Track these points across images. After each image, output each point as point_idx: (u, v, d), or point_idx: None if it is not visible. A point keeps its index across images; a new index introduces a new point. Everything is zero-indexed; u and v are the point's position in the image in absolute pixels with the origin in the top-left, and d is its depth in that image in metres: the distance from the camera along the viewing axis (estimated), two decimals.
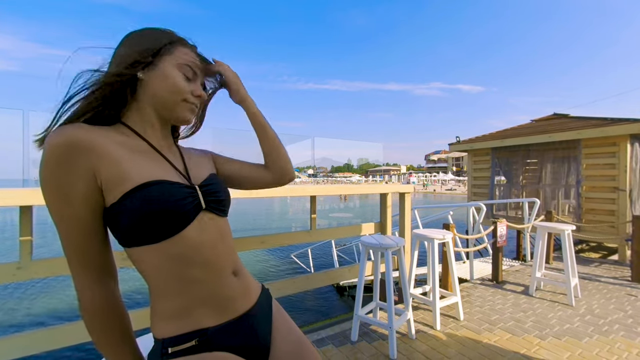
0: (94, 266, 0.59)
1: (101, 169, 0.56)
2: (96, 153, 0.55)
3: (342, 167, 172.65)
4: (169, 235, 0.59)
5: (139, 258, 0.60)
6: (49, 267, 1.56)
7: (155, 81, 0.64)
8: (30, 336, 1.49)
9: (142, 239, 0.58)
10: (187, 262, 0.61)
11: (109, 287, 0.61)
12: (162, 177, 0.61)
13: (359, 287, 2.27)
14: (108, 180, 0.56)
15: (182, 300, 0.62)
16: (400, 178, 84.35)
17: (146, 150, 0.64)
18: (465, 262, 4.78)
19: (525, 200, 5.40)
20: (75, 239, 0.56)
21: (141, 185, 0.57)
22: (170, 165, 0.66)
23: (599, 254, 6.16)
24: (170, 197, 0.59)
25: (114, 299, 0.62)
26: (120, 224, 0.57)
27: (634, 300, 3.09)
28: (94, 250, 0.58)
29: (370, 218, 16.10)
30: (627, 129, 4.98)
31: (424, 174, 79.37)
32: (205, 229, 0.65)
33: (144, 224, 0.56)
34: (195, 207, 0.63)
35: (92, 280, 0.59)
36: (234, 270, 0.70)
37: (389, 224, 2.92)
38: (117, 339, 0.61)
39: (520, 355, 2.09)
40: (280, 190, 2.47)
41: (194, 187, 0.66)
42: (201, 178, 0.71)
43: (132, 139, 0.64)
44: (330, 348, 2.14)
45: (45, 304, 5.25)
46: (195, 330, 0.62)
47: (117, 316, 0.62)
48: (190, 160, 0.74)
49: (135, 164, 0.59)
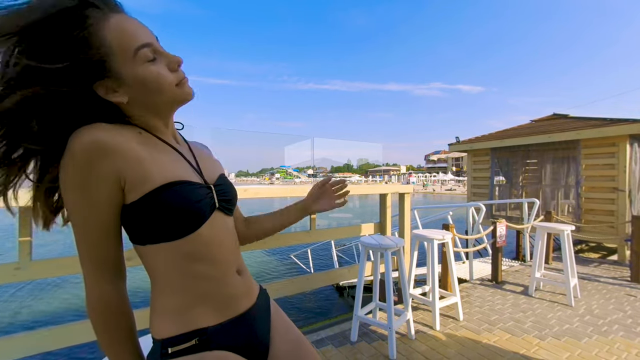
0: (106, 266, 0.59)
1: (126, 170, 0.54)
2: (121, 155, 0.54)
3: (341, 168, 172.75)
4: (186, 234, 0.60)
5: (148, 255, 0.61)
6: (49, 267, 1.56)
7: (136, 93, 0.58)
8: (30, 337, 1.49)
9: (159, 237, 0.58)
10: (197, 259, 0.62)
11: (117, 287, 0.62)
12: (182, 177, 0.61)
13: (359, 287, 2.27)
14: (132, 180, 0.55)
15: (184, 297, 0.62)
16: (399, 178, 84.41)
17: (164, 149, 0.63)
18: (465, 262, 4.78)
19: (525, 200, 5.40)
20: (94, 240, 0.56)
21: (164, 185, 0.57)
22: (188, 165, 0.66)
23: (599, 254, 6.17)
24: (192, 198, 0.60)
25: (120, 298, 0.62)
26: (139, 222, 0.57)
27: (633, 301, 3.09)
28: (110, 251, 0.59)
29: (369, 218, 16.07)
30: (627, 129, 4.99)
31: (423, 174, 79.41)
32: (216, 226, 0.65)
33: (163, 223, 0.57)
34: (211, 207, 0.64)
35: (104, 280, 0.59)
36: (238, 268, 0.71)
37: (388, 224, 2.92)
38: (120, 338, 0.62)
39: (519, 355, 2.09)
40: (281, 191, 2.47)
41: (210, 187, 0.66)
42: (214, 177, 0.72)
43: (149, 138, 0.62)
44: (330, 348, 2.15)
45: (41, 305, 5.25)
46: (195, 329, 0.62)
47: (122, 316, 0.62)
48: (201, 158, 0.73)
49: (157, 164, 0.58)
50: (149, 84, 0.57)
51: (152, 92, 0.58)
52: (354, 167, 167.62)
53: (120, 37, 0.54)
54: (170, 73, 0.59)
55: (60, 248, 8.26)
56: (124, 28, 0.54)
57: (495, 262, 3.67)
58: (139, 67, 0.56)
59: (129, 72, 0.55)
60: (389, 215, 2.93)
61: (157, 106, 0.61)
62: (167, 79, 0.58)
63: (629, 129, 4.96)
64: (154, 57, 0.57)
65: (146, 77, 0.56)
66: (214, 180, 0.71)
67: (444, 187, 50.05)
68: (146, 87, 0.57)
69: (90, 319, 0.59)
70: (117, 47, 0.54)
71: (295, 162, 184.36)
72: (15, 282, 1.52)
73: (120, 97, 0.57)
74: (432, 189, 48.33)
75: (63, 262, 1.58)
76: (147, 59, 0.56)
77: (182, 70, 0.62)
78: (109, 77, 0.55)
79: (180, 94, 0.62)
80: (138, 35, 0.55)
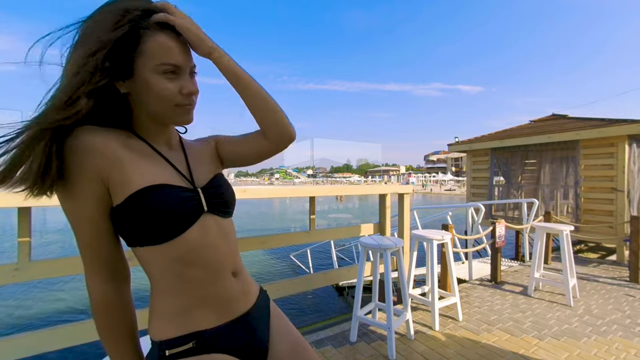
0: (104, 265, 0.60)
1: (109, 171, 0.57)
2: (106, 157, 0.56)
3: (341, 168, 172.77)
4: (170, 238, 0.60)
5: (142, 257, 0.62)
6: (48, 268, 1.56)
7: (138, 92, 0.61)
8: (31, 337, 1.49)
9: (144, 240, 0.59)
10: (188, 263, 0.62)
11: (117, 286, 0.63)
12: (165, 181, 0.61)
13: (358, 287, 2.27)
14: (114, 182, 0.57)
15: (181, 300, 0.62)
16: (399, 178, 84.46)
17: (151, 154, 0.64)
18: (464, 262, 4.79)
19: (524, 200, 5.41)
20: (87, 238, 0.58)
21: (143, 189, 0.58)
22: (173, 169, 0.66)
23: (598, 254, 6.18)
24: (171, 201, 0.60)
25: (121, 298, 0.63)
26: (124, 225, 0.59)
27: (632, 301, 3.10)
28: (104, 250, 0.60)
29: (369, 218, 16.10)
30: (625, 129, 5.00)
31: (423, 175, 79.47)
32: (208, 230, 0.65)
33: (145, 226, 0.58)
34: (196, 211, 0.63)
35: (102, 278, 0.60)
36: (234, 271, 0.70)
37: (388, 224, 2.93)
38: (119, 338, 0.62)
39: (518, 355, 2.09)
40: (280, 191, 2.47)
41: (196, 190, 0.66)
42: (205, 179, 0.70)
43: (138, 143, 0.64)
44: (330, 349, 2.15)
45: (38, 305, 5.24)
46: (193, 332, 0.62)
47: (123, 315, 0.63)
48: (194, 160, 0.73)
49: (139, 168, 0.60)
50: (151, 90, 0.59)
51: (150, 98, 0.60)
52: (353, 168, 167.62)
53: (157, 49, 0.58)
54: (177, 93, 0.61)
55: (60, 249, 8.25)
56: (165, 44, 0.59)
57: (495, 263, 3.67)
58: (153, 74, 0.59)
59: (143, 73, 0.59)
60: (388, 215, 2.93)
61: (153, 113, 0.63)
62: (169, 95, 0.60)
63: (628, 130, 4.97)
64: (173, 77, 0.60)
65: (152, 83, 0.59)
66: (205, 182, 0.70)
67: (443, 188, 50.10)
68: (148, 90, 0.60)
69: (92, 316, 0.61)
70: (149, 53, 0.58)
71: (294, 162, 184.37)
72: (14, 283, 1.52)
73: (123, 87, 0.60)
74: (429, 189, 48.42)
75: (62, 262, 1.58)
76: (165, 72, 0.59)
77: (193, 99, 0.64)
78: (129, 74, 0.59)
79: (175, 114, 0.63)
80: (172, 55, 0.60)
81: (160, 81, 0.59)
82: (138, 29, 0.56)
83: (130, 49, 0.57)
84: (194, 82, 0.64)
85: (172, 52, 0.59)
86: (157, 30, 0.58)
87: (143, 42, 0.57)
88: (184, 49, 0.62)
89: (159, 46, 0.58)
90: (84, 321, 1.61)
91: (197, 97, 0.65)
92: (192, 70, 0.64)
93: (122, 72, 0.58)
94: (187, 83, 0.62)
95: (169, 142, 0.70)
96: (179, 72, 0.61)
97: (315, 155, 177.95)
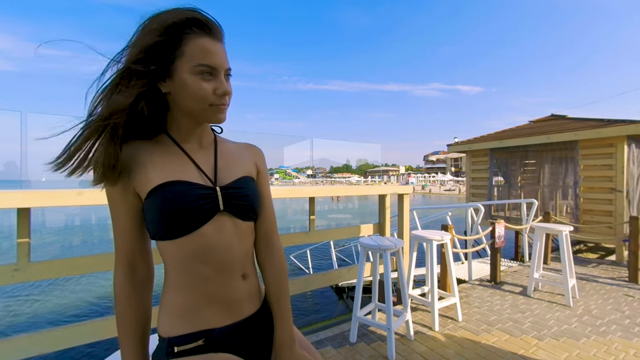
0: (122, 257, 0.66)
1: (135, 177, 0.63)
2: (131, 166, 0.63)
3: (341, 168, 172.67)
4: (184, 233, 0.62)
5: (161, 250, 0.66)
6: (47, 269, 1.56)
7: (176, 91, 0.64)
8: (31, 337, 1.49)
9: (161, 234, 0.63)
10: (200, 259, 0.64)
11: (131, 281, 0.66)
12: (181, 177, 0.64)
13: (358, 288, 2.27)
14: (139, 184, 0.63)
15: (192, 297, 0.64)
16: (399, 179, 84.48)
17: (175, 152, 0.68)
18: (464, 262, 4.79)
19: (524, 201, 5.42)
20: (116, 231, 0.66)
21: (159, 185, 0.62)
22: (194, 166, 0.67)
23: (597, 255, 6.19)
24: (184, 198, 0.62)
25: (129, 293, 0.66)
26: (146, 219, 0.65)
27: (631, 301, 3.11)
28: (125, 245, 0.66)
29: (369, 219, 16.10)
30: (624, 130, 5.01)
31: (422, 175, 79.49)
32: (222, 230, 0.66)
33: (161, 221, 0.61)
34: (211, 208, 0.64)
35: (120, 272, 0.66)
36: (244, 273, 0.71)
37: (387, 225, 2.93)
38: (125, 333, 0.65)
39: (518, 356, 2.10)
40: (280, 191, 2.47)
41: (214, 188, 0.66)
42: (229, 179, 0.70)
43: (163, 144, 0.68)
44: (329, 349, 2.15)
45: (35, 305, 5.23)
46: (202, 330, 0.63)
47: (129, 311, 0.65)
48: (225, 160, 0.73)
49: (160, 167, 0.64)
50: (188, 89, 0.63)
51: (187, 97, 0.64)
52: (353, 168, 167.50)
53: (196, 51, 0.62)
54: (212, 94, 0.64)
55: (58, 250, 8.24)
56: (203, 47, 0.63)
57: (494, 263, 3.68)
58: (191, 75, 0.62)
59: (182, 73, 0.62)
60: (388, 215, 2.93)
61: (189, 111, 0.66)
62: (204, 95, 0.64)
63: (627, 130, 4.98)
64: (209, 77, 0.64)
65: (189, 84, 0.63)
66: (229, 181, 0.69)
67: (442, 188, 50.12)
68: (185, 90, 0.63)
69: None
70: (188, 55, 0.62)
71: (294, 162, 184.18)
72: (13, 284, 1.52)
73: (164, 87, 0.65)
74: (428, 189, 48.44)
75: (62, 263, 1.58)
76: (201, 73, 0.63)
77: (226, 99, 0.67)
78: (169, 74, 0.64)
79: (209, 113, 0.66)
80: (209, 57, 0.63)
81: (197, 81, 0.63)
82: (181, 33, 0.61)
83: (172, 50, 0.61)
84: (228, 84, 0.67)
85: (209, 55, 0.63)
86: (197, 34, 0.62)
87: (184, 44, 0.61)
88: (220, 53, 0.65)
89: (197, 49, 0.62)
90: (84, 322, 1.60)
91: (230, 98, 0.68)
92: (227, 72, 0.67)
93: (164, 72, 0.63)
94: (221, 84, 0.65)
95: (200, 140, 0.72)
96: (214, 73, 0.64)
97: (314, 155, 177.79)
